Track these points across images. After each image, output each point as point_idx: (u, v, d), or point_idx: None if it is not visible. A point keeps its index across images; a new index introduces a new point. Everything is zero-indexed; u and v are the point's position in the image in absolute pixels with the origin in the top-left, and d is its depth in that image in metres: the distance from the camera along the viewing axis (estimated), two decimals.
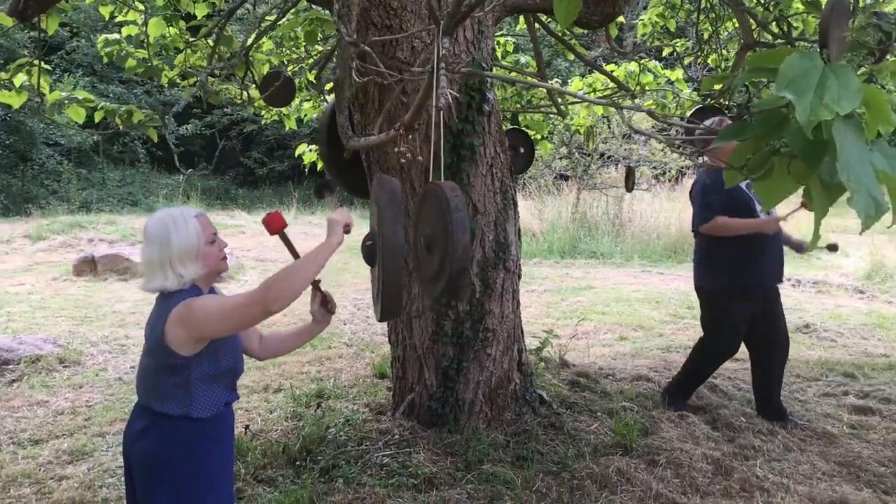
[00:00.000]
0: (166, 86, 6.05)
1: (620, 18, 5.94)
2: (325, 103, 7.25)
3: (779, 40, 5.05)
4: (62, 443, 4.40)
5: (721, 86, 6.19)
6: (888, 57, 5.05)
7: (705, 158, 4.35)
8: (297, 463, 3.87)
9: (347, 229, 2.29)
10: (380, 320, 2.18)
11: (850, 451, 4.13)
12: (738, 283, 4.41)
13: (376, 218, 2.02)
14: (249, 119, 22.53)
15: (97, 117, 5.10)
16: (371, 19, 3.64)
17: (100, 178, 22.52)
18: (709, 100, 6.25)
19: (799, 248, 4.59)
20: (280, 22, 5.11)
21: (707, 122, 4.36)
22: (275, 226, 2.34)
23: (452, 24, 1.52)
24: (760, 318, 4.53)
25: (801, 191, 1.55)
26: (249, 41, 5.51)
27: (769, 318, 4.56)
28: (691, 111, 5.31)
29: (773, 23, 5.19)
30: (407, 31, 3.58)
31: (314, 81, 6.99)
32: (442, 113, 1.86)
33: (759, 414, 4.67)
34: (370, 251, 2.19)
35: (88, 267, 10.25)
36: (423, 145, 3.59)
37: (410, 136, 1.87)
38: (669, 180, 16.02)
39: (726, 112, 5.46)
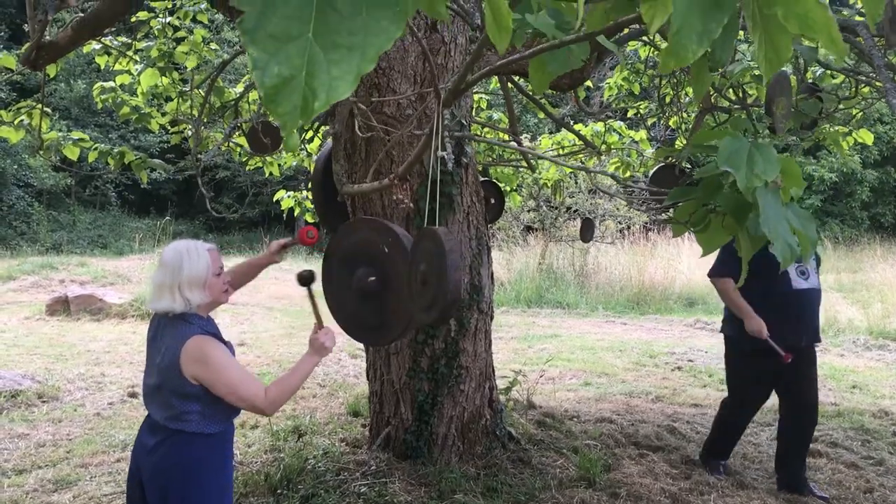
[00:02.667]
0: (157, 131, 6.31)
1: (588, 82, 6.36)
2: (304, 151, 7.56)
3: (735, 106, 5.48)
4: (46, 472, 4.53)
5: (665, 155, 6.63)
6: (828, 126, 5.49)
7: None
8: (278, 491, 4.06)
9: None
10: (386, 344, 2.45)
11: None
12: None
13: (393, 257, 2.32)
14: (222, 166, 22.84)
15: (91, 158, 5.35)
16: (361, 78, 3.97)
17: (70, 221, 22.55)
18: (669, 159, 6.67)
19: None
20: None
21: None
22: (305, 240, 2.66)
23: (452, 98, 1.81)
24: (789, 378, 4.40)
25: None
26: (240, 89, 5.82)
27: (795, 379, 4.39)
28: (653, 169, 5.68)
29: (730, 89, 5.62)
30: (394, 88, 3.91)
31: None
32: (426, 164, 2.15)
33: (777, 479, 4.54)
34: (373, 286, 2.48)
35: (62, 307, 10.33)
36: (407, 193, 3.90)
37: (405, 186, 2.15)
38: (633, 234, 16.50)
39: (685, 172, 5.85)
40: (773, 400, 6.70)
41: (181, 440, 2.43)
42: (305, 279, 2.75)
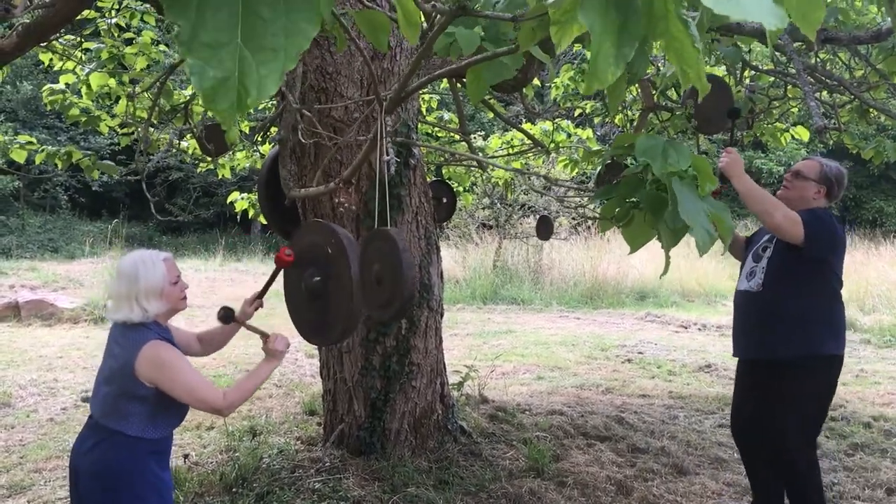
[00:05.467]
0: (105, 134, 6.29)
1: (536, 81, 6.51)
2: (257, 153, 7.59)
3: (675, 104, 5.68)
4: None
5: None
6: (765, 121, 5.70)
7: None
8: (234, 490, 4.11)
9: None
10: (330, 344, 2.52)
11: (737, 473, 4.61)
12: None
13: (336, 258, 2.36)
14: (175, 167, 22.59)
15: (38, 160, 5.33)
16: (309, 82, 4.05)
17: (19, 224, 22.10)
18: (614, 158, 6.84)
19: None
20: None
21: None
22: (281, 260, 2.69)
23: (393, 106, 1.91)
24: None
25: None
26: (190, 91, 5.83)
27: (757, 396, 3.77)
28: (599, 168, 5.83)
29: (672, 89, 5.82)
30: (341, 93, 3.99)
31: (247, 133, 7.32)
32: (375, 167, 2.25)
33: None
34: (318, 286, 2.53)
35: (12, 312, 10.19)
36: (354, 196, 3.99)
37: (349, 189, 2.24)
38: (588, 230, 16.74)
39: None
40: (719, 389, 6.97)
41: (119, 442, 2.48)
42: (224, 318, 2.81)
